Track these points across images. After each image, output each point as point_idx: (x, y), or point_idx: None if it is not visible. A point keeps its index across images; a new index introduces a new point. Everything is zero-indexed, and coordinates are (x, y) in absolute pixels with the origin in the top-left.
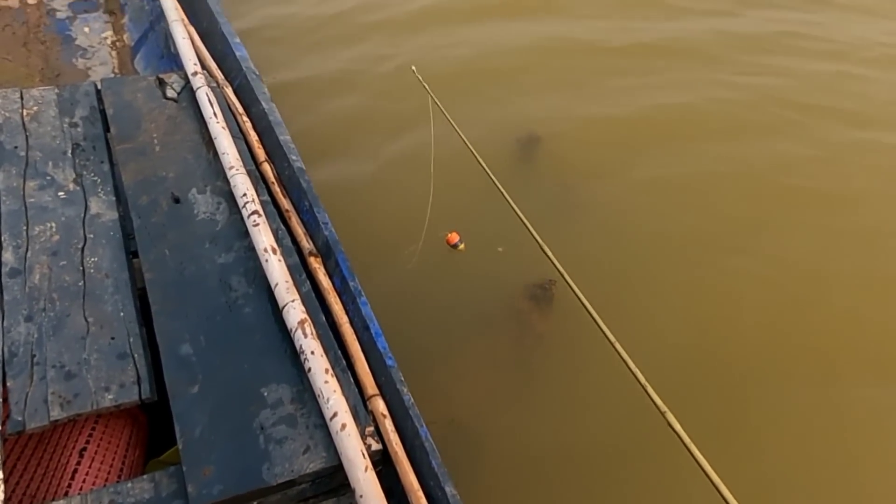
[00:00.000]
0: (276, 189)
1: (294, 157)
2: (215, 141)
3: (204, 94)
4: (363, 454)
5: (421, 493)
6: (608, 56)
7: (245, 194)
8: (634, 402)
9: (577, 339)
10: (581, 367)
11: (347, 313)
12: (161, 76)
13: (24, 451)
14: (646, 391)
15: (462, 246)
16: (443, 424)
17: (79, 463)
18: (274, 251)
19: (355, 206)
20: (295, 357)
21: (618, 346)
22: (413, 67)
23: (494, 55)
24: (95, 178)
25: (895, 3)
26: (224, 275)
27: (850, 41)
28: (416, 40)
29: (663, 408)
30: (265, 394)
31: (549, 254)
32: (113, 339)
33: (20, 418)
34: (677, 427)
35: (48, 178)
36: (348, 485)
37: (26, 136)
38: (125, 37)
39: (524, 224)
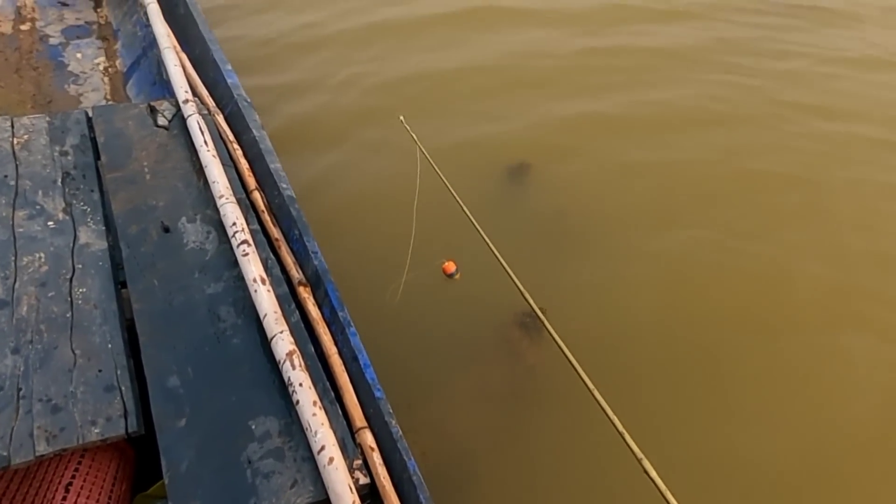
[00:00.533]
0: (266, 217)
1: (284, 185)
2: (206, 169)
3: (195, 122)
4: (350, 488)
5: None
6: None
7: (234, 223)
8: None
9: (568, 370)
10: (573, 400)
11: (336, 344)
12: (152, 104)
13: (9, 486)
14: (623, 438)
15: (458, 276)
16: (422, 457)
17: (64, 498)
18: (263, 281)
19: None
20: (283, 389)
21: (596, 394)
22: (401, 117)
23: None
24: (85, 208)
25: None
26: (213, 305)
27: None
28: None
29: (640, 454)
30: (253, 427)
31: (526, 295)
32: (100, 371)
33: (5, 453)
34: (653, 474)
35: (38, 207)
36: None
37: (16, 165)
38: (118, 63)
39: (503, 266)
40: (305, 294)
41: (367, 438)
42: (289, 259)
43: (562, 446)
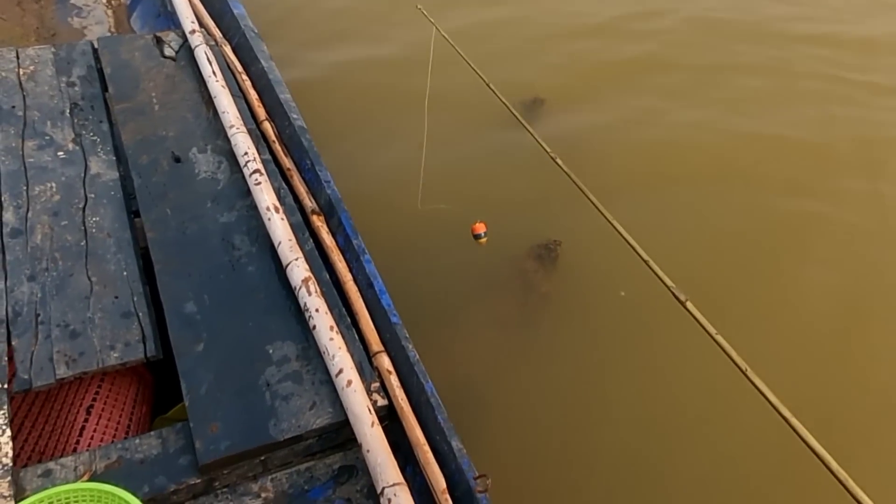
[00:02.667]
0: (278, 148)
1: (295, 116)
2: (215, 100)
3: (202, 53)
4: (369, 409)
5: (427, 447)
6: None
7: (246, 153)
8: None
9: (581, 298)
10: (585, 326)
11: (351, 271)
12: (158, 35)
13: (31, 409)
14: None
15: (484, 240)
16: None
17: (86, 420)
18: (276, 210)
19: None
20: (299, 315)
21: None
22: (418, 5)
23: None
24: (95, 138)
25: None
26: (227, 234)
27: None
28: None
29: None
30: (270, 351)
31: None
32: (116, 298)
33: (26, 377)
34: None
35: (47, 137)
36: (355, 440)
37: (23, 96)
38: None
39: (553, 159)
40: (319, 222)
41: (385, 362)
42: (301, 188)
43: (575, 369)
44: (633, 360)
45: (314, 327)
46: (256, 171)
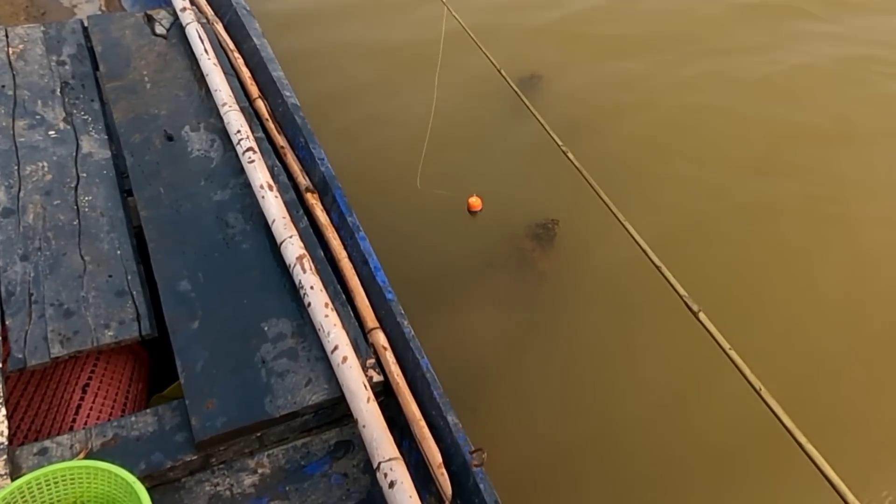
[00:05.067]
0: (271, 126)
1: (288, 94)
2: (207, 78)
3: (194, 31)
4: (365, 385)
5: (423, 423)
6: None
7: (239, 131)
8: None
9: (578, 276)
10: (582, 305)
11: (346, 248)
12: (149, 12)
13: (27, 387)
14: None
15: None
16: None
17: (82, 398)
18: (270, 188)
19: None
20: (294, 292)
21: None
22: None
23: None
24: (86, 117)
25: None
26: (220, 212)
27: None
28: None
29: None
30: (265, 328)
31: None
32: (110, 276)
33: (21, 356)
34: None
35: (38, 117)
36: (351, 415)
37: (13, 75)
38: None
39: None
40: (313, 200)
41: (380, 338)
42: (295, 166)
43: (571, 347)
44: (628, 339)
45: (309, 304)
46: (249, 148)
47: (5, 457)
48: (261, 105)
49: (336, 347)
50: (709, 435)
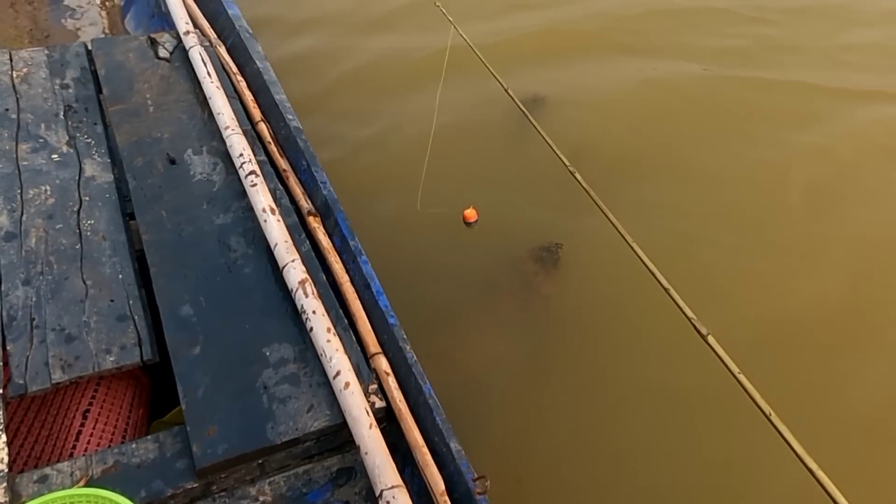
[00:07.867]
0: (273, 149)
1: (290, 117)
2: (210, 101)
3: (197, 54)
4: (367, 412)
5: (426, 449)
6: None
7: (241, 154)
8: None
9: (583, 301)
10: (587, 329)
11: (348, 272)
12: (153, 35)
13: (27, 413)
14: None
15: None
16: (443, 386)
17: (82, 425)
18: (272, 211)
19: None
20: (296, 317)
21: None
22: (437, 2)
23: None
24: (89, 140)
25: None
26: (223, 235)
27: None
28: None
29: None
30: (267, 353)
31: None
32: (112, 301)
33: (21, 381)
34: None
35: (41, 140)
36: (353, 442)
37: (17, 99)
38: None
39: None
40: (315, 224)
41: (382, 364)
42: (297, 189)
43: (574, 373)
44: (633, 365)
45: (311, 329)
46: (252, 172)
47: (5, 484)
48: (263, 128)
49: (338, 373)
50: (722, 470)
